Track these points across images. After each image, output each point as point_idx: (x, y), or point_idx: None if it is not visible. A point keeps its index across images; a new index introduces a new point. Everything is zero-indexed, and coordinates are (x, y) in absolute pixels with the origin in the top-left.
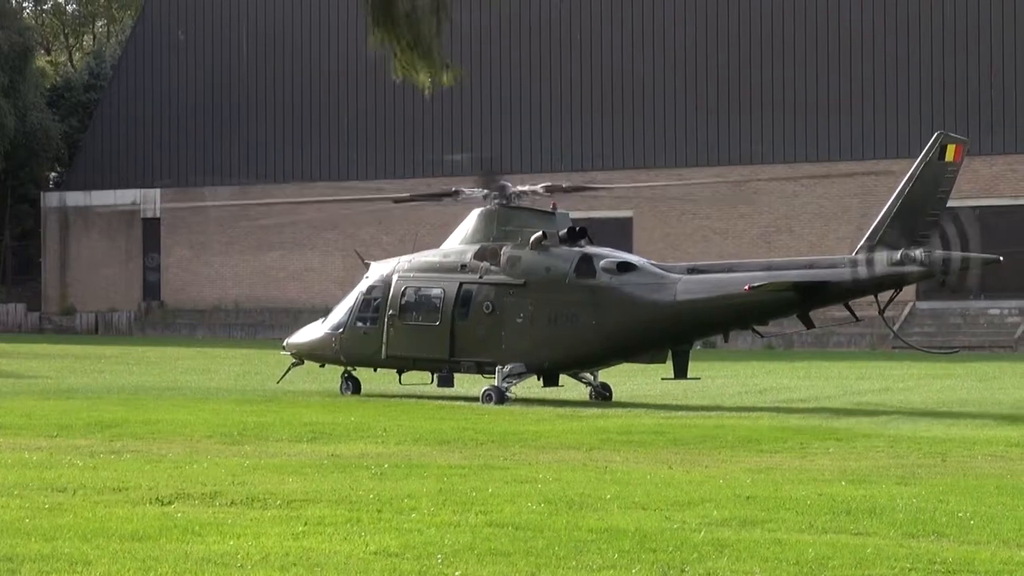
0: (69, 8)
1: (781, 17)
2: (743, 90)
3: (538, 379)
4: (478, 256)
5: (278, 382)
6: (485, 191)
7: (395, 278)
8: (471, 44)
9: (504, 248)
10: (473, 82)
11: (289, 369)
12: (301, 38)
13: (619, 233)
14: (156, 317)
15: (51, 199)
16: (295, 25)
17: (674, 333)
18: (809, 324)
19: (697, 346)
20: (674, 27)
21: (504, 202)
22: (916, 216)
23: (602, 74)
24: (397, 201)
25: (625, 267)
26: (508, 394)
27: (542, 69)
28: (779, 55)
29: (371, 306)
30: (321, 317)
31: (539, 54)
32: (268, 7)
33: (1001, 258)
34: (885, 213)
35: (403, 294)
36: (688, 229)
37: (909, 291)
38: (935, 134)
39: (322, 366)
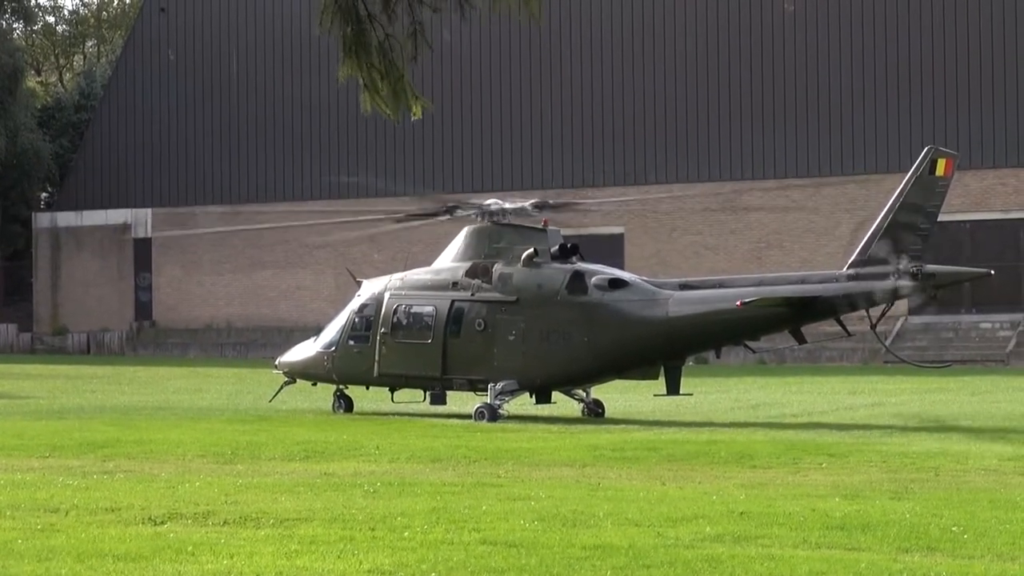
0: (59, 29)
1: (771, 34)
2: (732, 107)
3: (530, 396)
4: (470, 273)
5: (270, 401)
6: (479, 208)
7: (387, 296)
8: (461, 63)
9: (496, 265)
10: (464, 100)
11: (281, 388)
12: (292, 57)
13: (610, 250)
14: (148, 337)
15: (42, 219)
16: (285, 44)
17: (666, 349)
18: (801, 339)
19: (689, 362)
20: (664, 46)
21: (495, 219)
22: (907, 230)
23: (592, 92)
24: (397, 221)
25: (617, 283)
26: (501, 411)
27: (532, 87)
28: (768, 71)
29: (363, 324)
30: (313, 335)
31: (530, 72)
32: (258, 27)
33: (992, 272)
34: (876, 228)
35: (395, 312)
36: (679, 245)
37: (901, 305)
38: (926, 148)
39: (314, 384)
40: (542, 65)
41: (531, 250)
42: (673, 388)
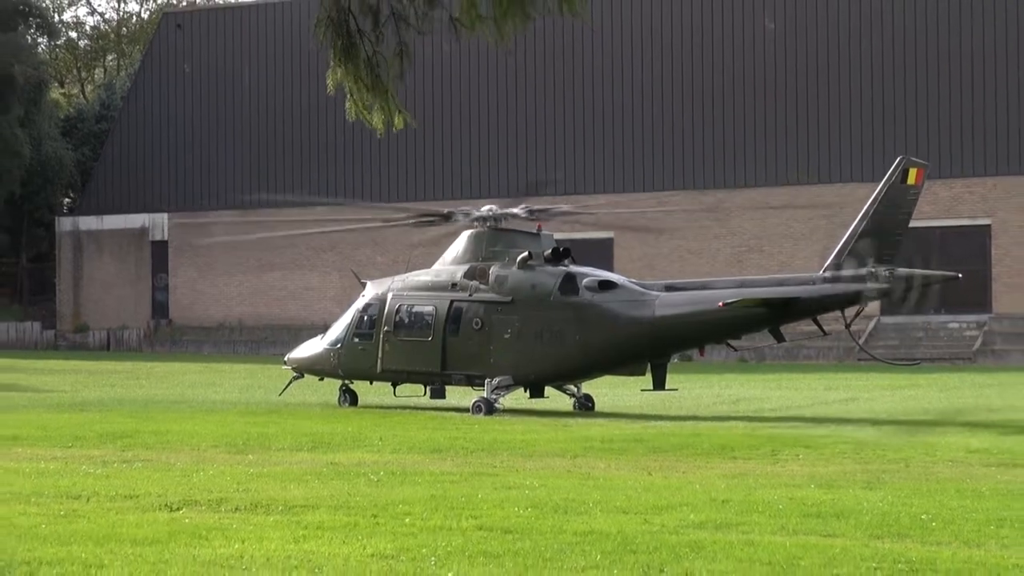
0: (81, 44)
1: (752, 51)
2: (716, 119)
3: (525, 391)
4: (468, 275)
5: (280, 395)
6: (475, 213)
7: (390, 296)
8: (459, 75)
9: (492, 267)
10: (463, 112)
11: (290, 382)
12: (299, 69)
13: (600, 253)
14: (164, 334)
15: (65, 223)
16: (293, 57)
17: (653, 347)
18: (780, 338)
19: (674, 359)
20: (651, 62)
21: (492, 224)
22: (880, 236)
23: (584, 104)
24: (388, 222)
25: (606, 285)
26: (497, 405)
27: (528, 100)
28: (749, 86)
29: (367, 323)
30: (320, 333)
31: (525, 86)
32: (268, 42)
33: (960, 275)
34: (851, 233)
35: (397, 311)
36: (665, 249)
37: (874, 306)
38: (898, 158)
39: (321, 379)
40: (536, 79)
41: (525, 253)
42: (659, 384)
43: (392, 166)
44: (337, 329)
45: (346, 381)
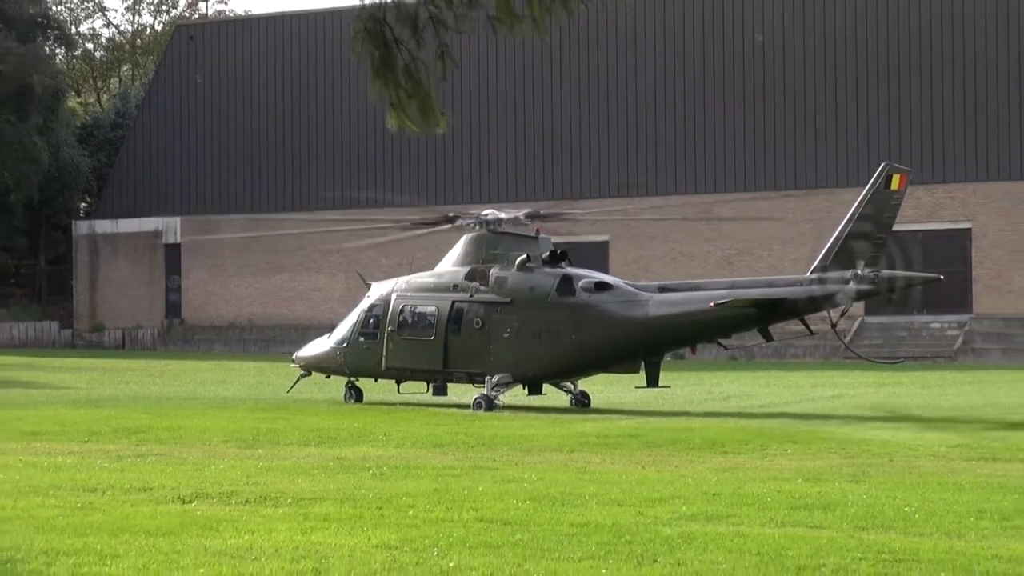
0: (97, 54)
1: (742, 62)
2: (707, 127)
3: (523, 388)
4: (469, 277)
5: (288, 392)
6: (476, 218)
7: (394, 297)
8: (461, 87)
9: (492, 269)
10: (464, 121)
11: (298, 380)
12: (307, 78)
13: (596, 256)
14: (177, 333)
15: (81, 227)
16: (300, 68)
17: (646, 346)
18: (768, 337)
19: (667, 357)
20: (645, 72)
21: (492, 228)
22: (865, 239)
23: (580, 114)
24: (405, 229)
25: (602, 286)
26: (496, 402)
27: (526, 110)
28: (740, 95)
29: (372, 322)
30: (327, 333)
31: (523, 96)
32: (275, 54)
33: (941, 277)
34: (837, 236)
35: (401, 311)
36: (658, 252)
37: (858, 306)
38: (882, 164)
39: (328, 377)
40: (535, 90)
41: (524, 256)
42: (653, 381)
43: (396, 174)
44: (343, 329)
45: (352, 379)
